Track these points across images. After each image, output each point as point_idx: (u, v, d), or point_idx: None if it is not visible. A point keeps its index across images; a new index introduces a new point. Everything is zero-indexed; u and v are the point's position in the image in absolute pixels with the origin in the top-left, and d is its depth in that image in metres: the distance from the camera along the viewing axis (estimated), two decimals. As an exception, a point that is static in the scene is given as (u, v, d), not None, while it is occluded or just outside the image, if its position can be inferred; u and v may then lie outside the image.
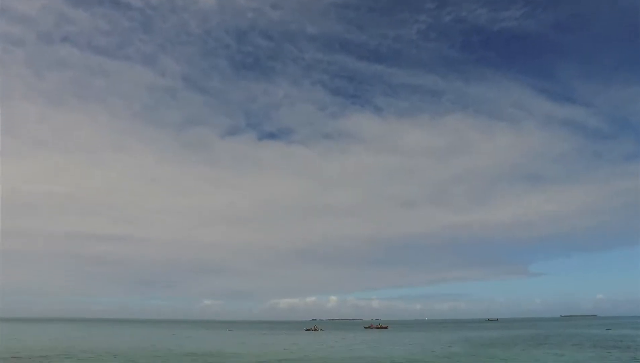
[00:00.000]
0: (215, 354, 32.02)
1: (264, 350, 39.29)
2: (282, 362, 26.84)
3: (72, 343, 41.15)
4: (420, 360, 27.66)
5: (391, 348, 38.89)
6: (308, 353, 34.08)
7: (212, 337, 61.12)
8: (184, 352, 34.73)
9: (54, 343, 40.97)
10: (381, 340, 54.63)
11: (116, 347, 38.10)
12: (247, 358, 28.37)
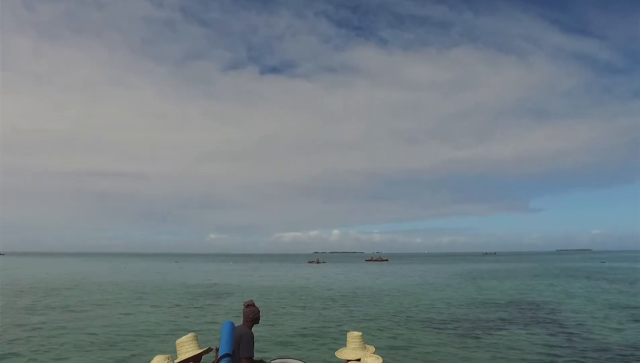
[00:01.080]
0: (221, 284, 32.74)
1: (268, 281, 40.17)
2: (286, 293, 27.31)
3: (80, 276, 42.28)
4: (420, 290, 28.19)
5: (391, 279, 39.86)
6: (311, 284, 34.83)
7: (217, 269, 62.89)
8: (189, 283, 35.52)
9: (63, 276, 42.06)
10: (382, 271, 56.19)
11: (123, 279, 39.05)
12: (251, 289, 28.93)
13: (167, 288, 29.37)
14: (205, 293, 25.92)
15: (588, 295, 23.76)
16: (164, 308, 19.33)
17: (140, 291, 27.05)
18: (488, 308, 18.83)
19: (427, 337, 12.72)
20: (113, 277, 42.26)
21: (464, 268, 62.25)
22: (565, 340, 12.14)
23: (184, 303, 21.60)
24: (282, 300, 22.69)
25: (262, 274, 51.37)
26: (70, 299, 22.84)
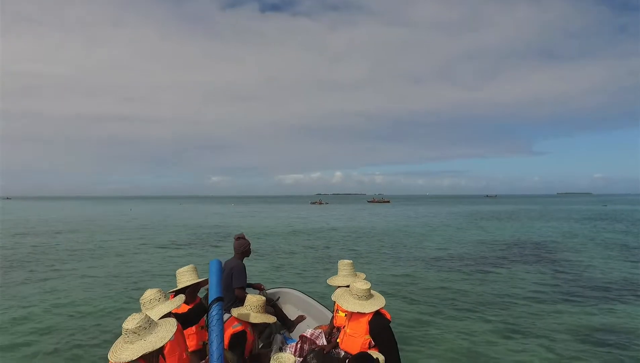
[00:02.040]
0: (223, 226, 33.07)
1: (270, 222, 40.61)
2: (288, 233, 27.53)
3: (85, 219, 42.81)
4: (421, 230, 28.39)
5: (393, 220, 40.26)
6: (314, 224, 35.17)
7: (219, 211, 63.75)
8: (192, 224, 35.90)
9: (67, 219, 42.62)
10: (384, 212, 56.83)
11: (128, 221, 39.49)
12: (254, 229, 29.19)
13: (171, 230, 29.72)
14: (208, 234, 26.15)
15: (588, 235, 23.83)
16: (168, 249, 19.47)
17: (145, 233, 27.36)
18: (489, 247, 18.88)
19: (429, 274, 12.70)
20: (118, 219, 42.82)
21: (465, 209, 62.87)
22: (564, 276, 12.11)
23: (187, 243, 21.78)
24: (284, 239, 22.87)
25: (265, 215, 52.02)
26: (76, 241, 23.09)
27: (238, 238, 5.28)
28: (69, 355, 6.46)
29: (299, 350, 4.36)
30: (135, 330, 2.57)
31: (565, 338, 7.09)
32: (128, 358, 2.49)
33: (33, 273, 12.99)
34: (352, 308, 3.69)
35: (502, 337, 7.14)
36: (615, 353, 6.46)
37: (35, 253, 16.93)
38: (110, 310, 8.87)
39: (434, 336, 7.18)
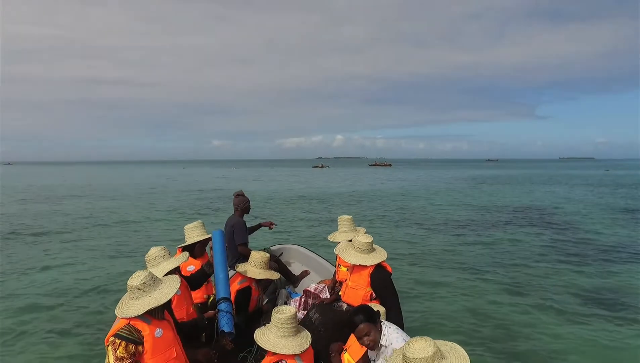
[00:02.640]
0: (225, 189, 33.19)
1: (272, 185, 40.75)
2: (290, 196, 27.65)
3: (86, 184, 42.91)
4: (422, 193, 28.49)
5: (395, 183, 40.36)
6: (316, 188, 35.30)
7: (221, 175, 63.85)
8: (194, 188, 36.02)
9: (69, 184, 42.72)
10: (385, 176, 56.90)
11: (129, 186, 39.58)
12: (256, 193, 29.32)
13: (175, 194, 29.84)
14: (210, 198, 26.27)
15: (590, 200, 23.80)
16: (172, 213, 19.61)
17: (148, 197, 27.49)
18: (490, 211, 18.97)
19: (430, 236, 12.83)
20: (121, 184, 42.95)
21: (466, 173, 62.86)
22: (566, 239, 12.22)
23: (191, 207, 21.92)
24: (287, 203, 22.99)
25: (267, 179, 52.16)
26: (79, 205, 23.23)
27: (237, 196, 5.28)
28: (78, 316, 6.62)
29: (303, 303, 4.44)
30: (139, 287, 2.65)
31: (568, 298, 7.21)
32: (134, 313, 2.57)
33: (37, 238, 13.12)
34: (354, 261, 3.71)
35: (505, 298, 7.26)
36: (616, 311, 6.58)
37: (38, 219, 17.07)
38: (114, 272, 9.02)
39: (436, 296, 7.31)
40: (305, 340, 3.00)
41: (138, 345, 2.53)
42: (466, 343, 5.37)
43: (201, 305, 4.12)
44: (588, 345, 5.50)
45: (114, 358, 2.47)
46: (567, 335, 5.78)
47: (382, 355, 2.82)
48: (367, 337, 2.82)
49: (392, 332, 2.87)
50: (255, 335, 3.05)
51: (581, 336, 5.76)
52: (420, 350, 2.11)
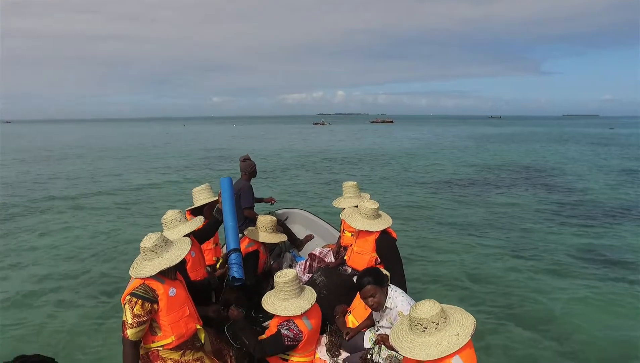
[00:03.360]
0: (226, 148, 33.07)
1: (273, 143, 40.58)
2: (291, 154, 27.59)
3: (86, 143, 42.62)
4: (423, 151, 28.38)
5: (397, 141, 40.14)
6: (317, 145, 35.18)
7: (222, 132, 63.42)
8: (197, 146, 35.86)
9: (68, 143, 42.41)
10: (387, 133, 56.49)
11: (129, 144, 39.38)
12: (257, 151, 29.24)
13: (176, 152, 29.75)
14: (212, 156, 26.24)
15: (593, 159, 23.63)
16: (175, 172, 19.63)
17: (149, 156, 27.44)
18: (491, 170, 18.98)
19: (431, 196, 12.92)
20: (122, 142, 42.76)
21: (469, 131, 62.35)
22: (566, 199, 12.28)
23: (194, 166, 21.93)
24: (288, 161, 22.99)
25: (268, 136, 51.87)
26: (80, 164, 23.24)
27: (244, 160, 5.28)
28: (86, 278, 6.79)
29: (307, 267, 4.55)
30: (152, 249, 2.72)
31: (568, 259, 7.33)
32: (147, 274, 2.65)
33: (40, 204, 13.10)
34: (361, 226, 3.76)
35: (504, 259, 7.40)
36: (616, 272, 6.71)
37: (40, 182, 17.04)
38: (120, 234, 9.14)
39: (437, 256, 7.46)
40: (307, 301, 3.08)
41: (153, 304, 2.62)
42: (466, 304, 5.56)
43: (210, 267, 4.23)
44: (587, 305, 5.64)
45: (132, 316, 2.56)
46: (566, 296, 5.91)
47: (387, 317, 2.92)
48: (372, 298, 2.90)
49: (397, 295, 2.96)
50: (262, 302, 3.16)
51: (581, 296, 5.89)
52: (425, 310, 2.20)
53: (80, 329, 5.12)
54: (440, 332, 2.17)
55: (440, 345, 2.11)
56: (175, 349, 2.77)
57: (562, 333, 4.97)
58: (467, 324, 2.22)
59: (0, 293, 6.09)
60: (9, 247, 8.11)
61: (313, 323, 3.11)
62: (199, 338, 2.90)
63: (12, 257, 7.58)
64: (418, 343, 2.17)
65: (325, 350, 3.19)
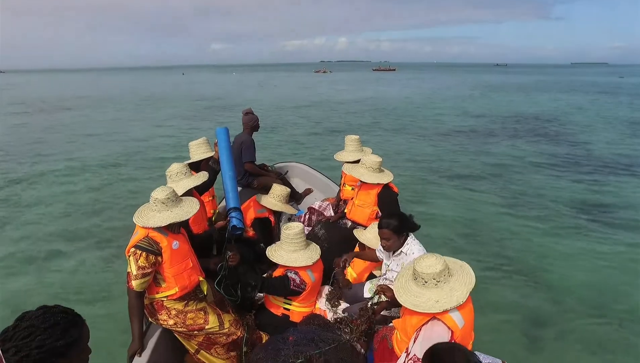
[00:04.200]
0: (226, 97, 32.50)
1: (274, 92, 39.95)
2: (292, 103, 27.18)
3: (85, 91, 41.82)
4: (426, 100, 27.90)
5: (399, 89, 39.35)
6: (318, 94, 34.60)
7: (222, 81, 62.11)
8: (193, 96, 35.25)
9: (65, 94, 41.57)
10: (389, 81, 55.25)
11: (127, 94, 38.66)
12: (258, 100, 28.76)
13: (175, 101, 29.28)
14: (211, 107, 25.84)
15: (600, 110, 23.01)
16: (174, 120, 19.45)
17: (148, 105, 27.04)
18: (493, 120, 18.74)
19: (431, 146, 12.86)
20: (118, 92, 42.00)
21: (473, 79, 60.91)
22: (568, 151, 12.20)
23: (190, 116, 21.66)
24: (287, 112, 22.67)
25: (267, 86, 50.89)
26: (78, 115, 22.95)
27: (246, 113, 5.18)
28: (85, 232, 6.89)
29: (307, 220, 4.60)
30: (163, 201, 2.73)
31: (563, 209, 7.41)
32: (155, 224, 2.68)
33: (37, 157, 12.98)
34: (368, 179, 3.76)
35: (501, 208, 7.48)
36: (611, 224, 6.79)
37: (36, 133, 16.85)
38: (119, 185, 9.18)
39: (436, 206, 7.53)
40: (315, 252, 3.18)
41: (157, 256, 2.68)
42: (461, 254, 5.67)
43: (210, 220, 4.27)
44: (580, 258, 5.75)
45: (136, 268, 2.62)
46: (561, 248, 6.02)
47: (400, 262, 2.97)
48: (385, 241, 2.95)
49: (415, 244, 2.99)
50: (267, 253, 3.22)
51: (575, 249, 6.00)
52: (429, 266, 2.22)
53: (83, 281, 5.26)
54: (441, 288, 2.20)
55: (439, 302, 2.16)
56: (179, 300, 2.85)
57: (553, 285, 5.10)
58: (468, 281, 2.25)
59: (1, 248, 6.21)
60: (4, 204, 8.13)
61: (316, 276, 3.19)
62: (202, 289, 2.99)
63: (8, 211, 7.66)
64: (418, 296, 2.21)
65: (325, 301, 3.29)
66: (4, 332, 1.49)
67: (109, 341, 3.91)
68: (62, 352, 1.50)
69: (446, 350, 1.79)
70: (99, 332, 4.04)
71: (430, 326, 2.17)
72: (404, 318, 2.38)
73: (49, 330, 1.49)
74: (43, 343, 1.47)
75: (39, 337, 1.47)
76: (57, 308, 1.57)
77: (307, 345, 2.79)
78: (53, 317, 1.52)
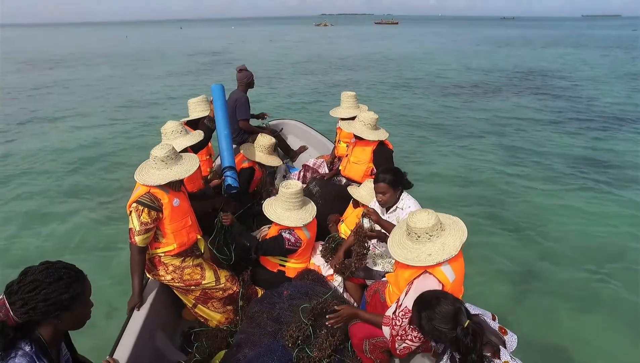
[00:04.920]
0: (225, 52, 31.66)
1: (273, 47, 38.99)
2: (291, 59, 26.54)
3: (79, 47, 40.60)
4: (429, 55, 27.18)
5: (401, 44, 38.24)
6: (318, 49, 33.73)
7: (219, 35, 60.32)
8: (194, 50, 34.39)
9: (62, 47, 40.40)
10: (392, 35, 53.57)
11: (122, 49, 37.63)
12: (256, 55, 28.01)
13: (173, 57, 28.54)
14: (210, 62, 25.23)
15: (610, 65, 22.15)
16: (172, 78, 19.09)
17: (145, 61, 26.41)
18: (497, 75, 18.31)
19: (432, 101, 12.67)
20: (112, 48, 40.84)
21: (478, 33, 58.98)
22: (573, 106, 11.97)
23: (187, 72, 21.24)
24: (284, 66, 22.16)
25: (267, 39, 49.48)
26: (73, 71, 22.49)
27: (240, 70, 5.06)
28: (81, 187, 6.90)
29: (302, 178, 4.60)
30: (163, 159, 2.72)
31: (562, 165, 7.38)
32: (156, 182, 2.69)
33: (38, 111, 12.80)
34: (364, 135, 3.73)
35: (500, 161, 7.46)
36: (610, 180, 6.77)
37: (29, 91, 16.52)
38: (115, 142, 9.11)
39: (433, 163, 7.51)
40: (309, 213, 3.18)
41: (159, 212, 2.70)
42: (456, 207, 5.72)
43: (205, 178, 4.26)
44: (577, 211, 5.80)
45: (139, 223, 2.65)
46: (557, 201, 6.06)
47: (395, 217, 3.01)
48: (381, 195, 2.94)
49: (410, 199, 3.01)
50: (263, 206, 3.24)
51: (571, 202, 6.04)
52: (421, 220, 2.24)
53: (83, 237, 5.33)
54: (434, 242, 2.24)
55: (432, 255, 2.19)
56: (177, 256, 2.91)
57: (548, 240, 5.16)
58: (460, 234, 2.29)
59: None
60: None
61: (310, 233, 3.23)
62: (199, 247, 3.04)
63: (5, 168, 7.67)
64: (412, 251, 2.25)
65: (319, 256, 3.35)
66: (9, 287, 1.54)
67: (109, 296, 4.03)
68: (66, 305, 1.57)
69: (433, 297, 1.85)
70: (99, 287, 4.16)
71: (422, 279, 2.22)
72: (396, 272, 2.44)
73: (53, 284, 1.54)
74: (48, 296, 1.53)
75: (43, 290, 1.52)
76: (59, 263, 1.62)
77: (302, 298, 2.88)
78: (56, 272, 1.57)
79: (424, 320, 1.82)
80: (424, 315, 1.82)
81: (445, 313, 1.76)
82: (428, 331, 1.83)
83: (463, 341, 1.71)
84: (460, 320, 1.75)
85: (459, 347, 1.75)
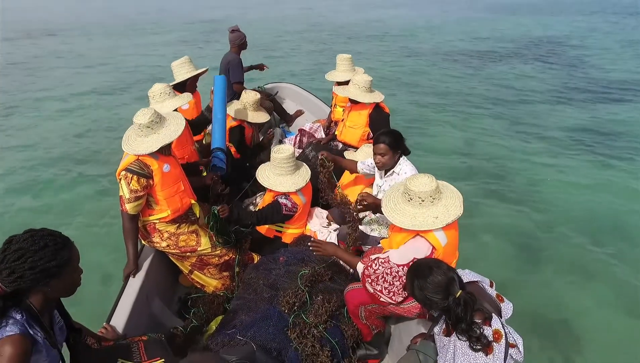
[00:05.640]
0: (217, 18, 30.70)
1: (269, 11, 37.75)
2: (286, 29, 25.79)
3: (59, 17, 39.11)
4: (432, 23, 26.41)
5: (400, 10, 37.13)
6: (315, 13, 32.78)
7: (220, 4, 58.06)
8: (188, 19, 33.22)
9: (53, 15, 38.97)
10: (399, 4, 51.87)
11: (116, 20, 36.25)
12: (255, 23, 27.15)
13: (168, 24, 27.59)
14: (206, 30, 24.46)
15: (619, 32, 20.82)
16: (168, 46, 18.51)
17: (138, 28, 25.57)
18: (500, 44, 17.81)
19: (433, 70, 12.39)
20: (99, 15, 39.35)
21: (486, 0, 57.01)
22: (578, 76, 11.55)
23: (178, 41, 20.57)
24: (280, 31, 21.59)
25: (262, 2, 47.88)
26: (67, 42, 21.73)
27: (233, 31, 4.87)
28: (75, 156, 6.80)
29: (298, 142, 4.53)
30: (148, 125, 2.61)
31: (565, 135, 7.22)
32: (146, 151, 2.60)
33: (36, 78, 12.53)
34: (359, 97, 3.64)
35: (502, 134, 7.32)
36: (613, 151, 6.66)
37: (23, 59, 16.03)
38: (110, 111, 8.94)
39: (434, 130, 7.39)
40: (302, 178, 3.13)
41: (149, 179, 2.64)
42: (455, 177, 5.67)
43: (198, 143, 4.17)
44: (578, 182, 5.73)
45: (129, 191, 2.60)
46: (558, 172, 5.99)
47: (392, 182, 2.96)
48: (380, 156, 2.88)
49: (407, 164, 2.96)
50: (257, 173, 3.19)
51: (572, 173, 5.96)
52: (423, 184, 2.21)
53: (75, 206, 5.28)
54: (436, 205, 2.21)
55: (438, 218, 2.17)
56: (171, 222, 2.87)
57: (548, 210, 5.10)
58: (457, 195, 2.28)
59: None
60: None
61: (306, 198, 3.19)
62: (194, 212, 2.99)
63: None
64: (416, 216, 2.22)
65: (315, 222, 3.33)
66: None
67: (106, 264, 4.03)
68: (54, 272, 1.54)
69: (427, 267, 1.84)
70: (95, 256, 4.16)
71: (413, 241, 2.22)
72: (390, 237, 2.42)
73: (39, 252, 1.51)
74: (35, 264, 1.50)
75: (30, 258, 1.49)
76: (44, 231, 1.58)
77: (298, 264, 2.88)
78: (42, 240, 1.53)
79: (416, 289, 1.82)
80: (416, 284, 1.82)
81: (437, 283, 1.76)
82: (420, 299, 1.84)
83: (454, 310, 1.72)
84: (452, 290, 1.75)
85: (449, 316, 1.76)
